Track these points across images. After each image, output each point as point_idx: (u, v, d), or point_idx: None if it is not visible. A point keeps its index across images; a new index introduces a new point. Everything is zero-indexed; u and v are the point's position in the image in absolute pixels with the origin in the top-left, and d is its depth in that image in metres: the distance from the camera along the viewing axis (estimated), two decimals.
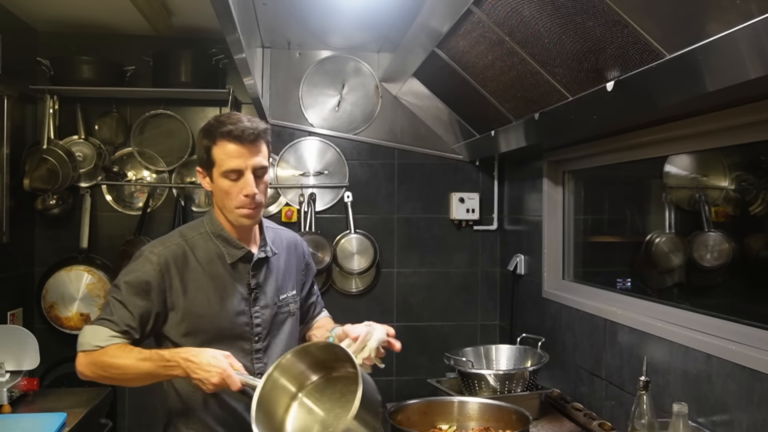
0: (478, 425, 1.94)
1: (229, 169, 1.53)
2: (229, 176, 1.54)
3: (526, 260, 3.06)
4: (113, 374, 1.51)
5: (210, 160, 1.55)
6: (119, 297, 1.54)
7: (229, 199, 1.56)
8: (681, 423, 1.54)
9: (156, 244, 1.61)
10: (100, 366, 1.51)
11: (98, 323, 1.54)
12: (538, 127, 2.24)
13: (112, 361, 1.50)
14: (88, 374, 1.53)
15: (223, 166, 1.53)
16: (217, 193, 1.59)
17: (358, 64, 3.30)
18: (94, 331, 1.52)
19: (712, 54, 1.25)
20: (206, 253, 1.62)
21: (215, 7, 1.72)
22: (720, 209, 2.30)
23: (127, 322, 1.53)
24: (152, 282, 1.55)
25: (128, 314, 1.53)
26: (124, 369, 1.50)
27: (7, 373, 2.35)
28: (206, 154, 1.56)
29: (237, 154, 1.52)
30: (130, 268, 1.58)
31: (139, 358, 1.50)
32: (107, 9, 2.81)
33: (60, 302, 2.96)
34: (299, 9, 2.64)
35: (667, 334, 1.90)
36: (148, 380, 1.53)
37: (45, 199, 2.99)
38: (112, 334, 1.52)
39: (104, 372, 1.51)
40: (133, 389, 3.14)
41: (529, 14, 1.71)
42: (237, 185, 1.54)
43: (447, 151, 3.39)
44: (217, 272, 1.62)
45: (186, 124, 3.17)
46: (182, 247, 1.60)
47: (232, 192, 1.55)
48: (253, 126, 1.55)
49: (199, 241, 1.63)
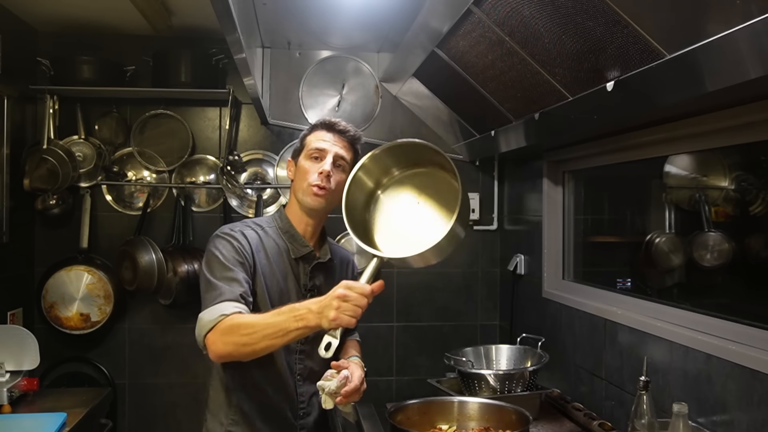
0: (478, 425, 1.94)
1: (314, 148, 1.70)
2: (312, 155, 1.70)
3: (526, 260, 3.06)
4: (247, 335, 1.46)
5: (301, 146, 1.74)
6: (217, 274, 1.57)
7: (305, 178, 1.69)
8: (681, 423, 1.54)
9: (234, 225, 1.69)
10: (231, 330, 1.47)
11: (211, 305, 1.52)
12: (538, 127, 2.24)
13: (243, 320, 1.48)
14: (221, 348, 1.48)
15: (310, 145, 1.71)
16: (298, 175, 1.72)
17: (358, 64, 3.30)
18: (211, 311, 1.51)
19: (712, 54, 1.25)
20: (275, 246, 1.71)
21: (215, 7, 1.72)
22: (720, 209, 2.30)
23: (237, 291, 1.55)
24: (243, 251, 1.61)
25: (234, 282, 1.55)
26: (256, 327, 1.46)
27: (7, 373, 2.35)
28: (301, 142, 1.75)
29: (326, 138, 1.72)
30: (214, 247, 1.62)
31: (270, 313, 1.49)
32: (107, 9, 2.81)
33: (60, 302, 2.96)
34: (299, 9, 2.64)
35: (667, 334, 1.90)
36: (280, 337, 1.46)
37: (45, 199, 2.98)
38: (231, 304, 1.51)
39: (238, 336, 1.47)
40: (133, 389, 3.15)
41: (529, 14, 1.71)
42: (316, 165, 1.69)
43: (447, 151, 3.37)
44: (282, 266, 1.70)
45: (186, 124, 3.17)
46: (258, 234, 1.69)
47: (311, 170, 1.69)
48: (348, 126, 1.76)
49: (270, 233, 1.72)
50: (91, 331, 3.00)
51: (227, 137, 3.13)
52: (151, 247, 3.01)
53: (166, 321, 3.17)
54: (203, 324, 1.51)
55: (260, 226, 1.72)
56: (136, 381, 3.17)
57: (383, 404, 2.18)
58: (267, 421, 1.70)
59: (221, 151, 3.18)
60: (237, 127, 3.25)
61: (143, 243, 3.02)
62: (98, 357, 3.13)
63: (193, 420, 1.83)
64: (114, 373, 3.13)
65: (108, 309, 3.00)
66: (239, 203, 3.24)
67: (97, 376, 3.12)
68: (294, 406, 1.74)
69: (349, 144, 1.75)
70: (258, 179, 3.26)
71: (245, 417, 1.68)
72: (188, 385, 3.17)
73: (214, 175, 3.22)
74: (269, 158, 3.27)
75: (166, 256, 3.01)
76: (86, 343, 3.09)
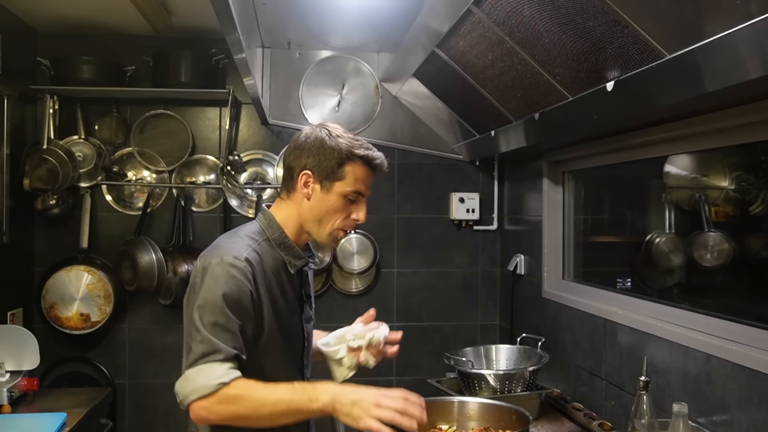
0: (478, 425, 1.93)
1: (355, 190, 1.50)
2: (349, 196, 1.51)
3: (526, 260, 3.06)
4: (247, 409, 1.32)
5: (337, 173, 1.49)
6: (212, 320, 1.34)
7: (334, 217, 1.51)
8: (681, 423, 1.54)
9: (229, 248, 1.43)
10: (231, 402, 1.31)
11: (202, 362, 1.32)
12: (538, 127, 2.24)
13: (246, 393, 1.32)
14: (213, 419, 1.33)
15: (352, 186, 1.50)
16: (322, 206, 1.51)
17: (358, 64, 3.30)
18: (206, 372, 1.31)
19: (712, 54, 1.25)
20: (273, 262, 1.50)
21: (215, 7, 1.72)
22: (720, 209, 2.29)
23: (233, 345, 1.34)
24: (243, 291, 1.38)
25: (229, 335, 1.34)
26: (262, 401, 1.33)
27: (7, 373, 2.36)
28: (337, 166, 1.49)
29: (368, 180, 1.53)
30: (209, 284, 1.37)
31: (277, 388, 1.35)
32: (107, 9, 2.81)
33: (60, 302, 2.96)
34: (299, 9, 2.64)
35: (667, 334, 1.90)
36: (285, 415, 1.34)
37: (45, 199, 2.99)
38: (227, 366, 1.32)
39: (236, 408, 1.32)
40: (133, 389, 3.15)
41: (529, 14, 1.71)
42: (350, 207, 1.52)
43: (447, 151, 3.39)
44: (283, 283, 1.52)
45: (186, 124, 3.17)
46: (257, 253, 1.46)
47: (344, 212, 1.52)
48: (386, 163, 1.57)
49: (266, 248, 1.50)
50: (91, 331, 3.00)
51: (227, 137, 3.13)
52: (151, 247, 3.01)
53: (166, 321, 3.17)
54: (195, 387, 1.32)
55: (256, 240, 1.50)
56: (136, 381, 3.16)
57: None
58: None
59: (221, 151, 3.18)
60: (237, 127, 3.25)
61: (143, 243, 3.02)
62: (98, 357, 3.13)
63: None
64: (114, 373, 3.13)
65: (108, 309, 3.00)
66: (239, 203, 3.24)
67: (97, 376, 3.12)
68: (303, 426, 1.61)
69: None
70: (258, 179, 3.26)
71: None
72: None
73: (214, 175, 3.22)
74: (269, 158, 3.27)
75: (166, 256, 3.02)
76: (86, 343, 3.09)
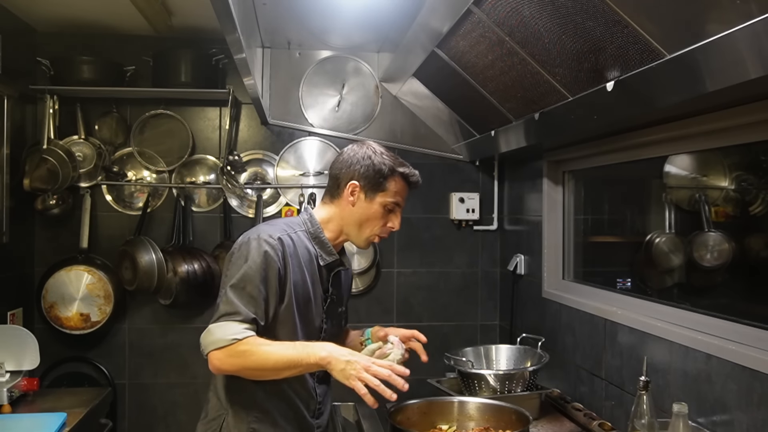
0: (478, 425, 1.94)
1: (394, 202, 1.74)
2: (388, 206, 1.73)
3: (526, 260, 3.06)
4: (254, 362, 1.52)
5: (381, 185, 1.72)
6: (239, 286, 1.56)
7: (373, 224, 1.73)
8: (681, 423, 1.54)
9: (266, 229, 1.65)
10: (241, 355, 1.51)
11: (224, 320, 1.54)
12: (538, 127, 2.24)
13: (254, 348, 1.51)
14: (226, 368, 1.53)
15: (393, 197, 1.73)
16: (364, 213, 1.73)
17: (358, 64, 3.30)
18: (224, 328, 1.52)
19: (712, 54, 1.25)
20: (305, 252, 1.70)
21: (215, 7, 1.72)
22: (720, 209, 2.29)
23: (253, 310, 1.55)
24: (272, 265, 1.59)
25: (253, 302, 1.55)
26: (266, 355, 1.52)
27: (7, 373, 2.36)
28: (382, 179, 1.72)
29: (405, 194, 1.77)
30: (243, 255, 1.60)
31: (282, 346, 1.54)
32: (107, 9, 2.81)
33: (60, 302, 2.96)
34: (299, 9, 2.64)
35: (667, 334, 1.90)
36: (287, 369, 1.54)
37: (45, 199, 2.99)
38: (243, 326, 1.53)
39: (244, 361, 1.51)
40: (133, 389, 3.15)
41: (529, 14, 1.71)
42: (388, 217, 1.75)
43: (447, 151, 3.39)
44: (311, 271, 1.71)
45: (186, 124, 3.17)
46: (290, 238, 1.67)
47: (382, 220, 1.74)
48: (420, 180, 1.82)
49: (301, 238, 1.71)
50: (91, 331, 3.00)
51: (227, 137, 3.13)
52: (151, 247, 3.01)
53: (166, 321, 3.17)
54: (213, 339, 1.52)
55: (293, 229, 1.71)
56: (136, 381, 3.17)
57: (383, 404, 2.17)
58: (290, 420, 1.71)
59: (221, 151, 3.18)
60: (237, 127, 3.25)
61: (143, 243, 3.02)
62: (98, 357, 3.13)
63: (193, 420, 1.81)
64: (114, 373, 3.13)
65: (108, 309, 3.00)
66: (239, 203, 3.24)
67: (97, 376, 3.12)
68: (312, 406, 1.76)
69: None
70: (258, 179, 3.26)
71: (268, 415, 1.68)
72: (188, 385, 3.17)
73: (214, 175, 3.22)
74: (269, 158, 3.27)
75: (166, 256, 3.02)
76: (86, 343, 3.09)
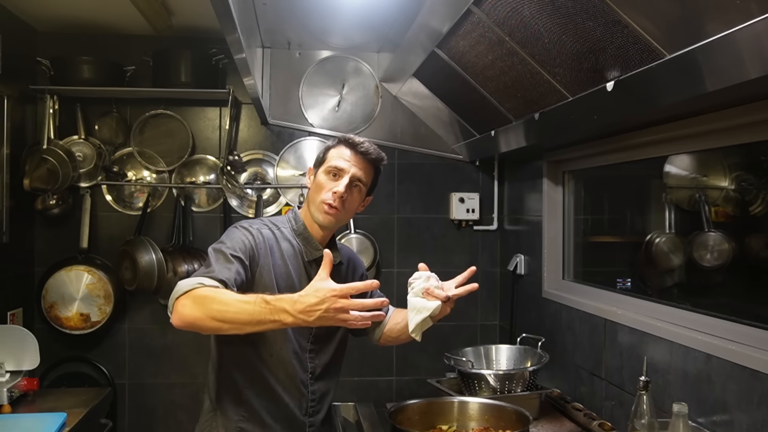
0: (478, 425, 1.94)
1: (333, 166, 1.71)
2: (330, 172, 1.71)
3: (526, 260, 3.06)
4: (215, 310, 1.43)
5: (323, 158, 1.75)
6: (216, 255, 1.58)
7: (320, 193, 1.71)
8: (681, 423, 1.54)
9: (252, 222, 1.71)
10: (204, 300, 1.44)
11: (195, 275, 1.53)
12: (538, 127, 2.24)
13: (215, 295, 1.44)
14: (187, 313, 1.44)
15: (330, 162, 1.72)
16: (314, 187, 1.74)
17: (358, 64, 3.30)
18: (192, 280, 1.49)
19: (712, 54, 1.25)
20: (289, 248, 1.72)
21: (215, 7, 1.72)
22: (720, 209, 2.29)
23: (226, 276, 1.52)
24: (248, 247, 1.62)
25: (226, 269, 1.54)
26: (227, 305, 1.43)
27: (7, 373, 2.35)
28: (323, 154, 1.76)
29: (346, 157, 1.71)
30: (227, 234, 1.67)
31: (242, 299, 1.45)
32: (107, 9, 2.81)
33: (60, 302, 2.96)
34: (299, 9, 2.64)
35: (667, 334, 1.90)
36: (248, 325, 1.44)
37: (45, 199, 2.99)
38: (213, 282, 1.49)
39: (208, 308, 1.43)
40: (133, 389, 3.15)
41: (529, 14, 1.71)
42: (332, 182, 1.71)
43: (447, 151, 3.39)
44: (297, 266, 1.72)
45: (186, 124, 3.17)
46: (273, 233, 1.71)
47: (326, 186, 1.71)
48: (372, 148, 1.75)
49: (286, 234, 1.74)
50: (91, 331, 3.00)
51: (227, 137, 3.13)
52: (151, 247, 3.01)
53: (166, 321, 3.11)
54: (179, 288, 1.48)
55: (276, 226, 1.74)
56: (136, 381, 3.17)
57: (383, 404, 2.18)
58: (277, 419, 1.71)
59: (221, 151, 3.18)
60: (237, 127, 3.25)
61: (143, 243, 3.02)
62: (98, 357, 3.13)
63: (193, 420, 1.82)
64: (114, 373, 3.13)
65: (108, 309, 3.00)
66: (239, 203, 3.24)
67: (97, 376, 3.12)
68: (304, 404, 1.75)
69: (369, 165, 1.75)
70: (258, 179, 3.26)
71: (256, 414, 1.69)
72: (188, 385, 3.17)
73: (214, 175, 3.22)
74: (269, 158, 3.27)
75: (166, 256, 3.02)
76: (86, 343, 3.09)
